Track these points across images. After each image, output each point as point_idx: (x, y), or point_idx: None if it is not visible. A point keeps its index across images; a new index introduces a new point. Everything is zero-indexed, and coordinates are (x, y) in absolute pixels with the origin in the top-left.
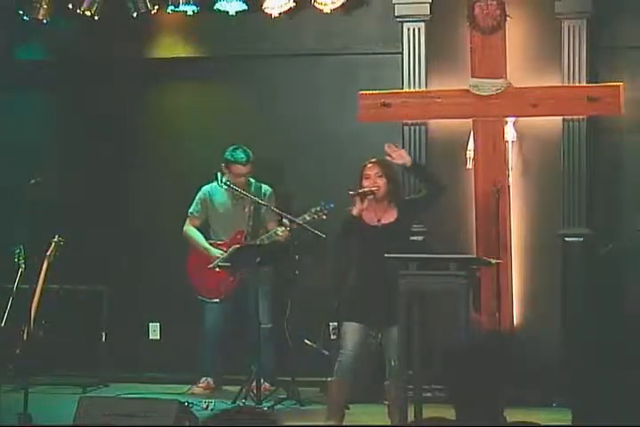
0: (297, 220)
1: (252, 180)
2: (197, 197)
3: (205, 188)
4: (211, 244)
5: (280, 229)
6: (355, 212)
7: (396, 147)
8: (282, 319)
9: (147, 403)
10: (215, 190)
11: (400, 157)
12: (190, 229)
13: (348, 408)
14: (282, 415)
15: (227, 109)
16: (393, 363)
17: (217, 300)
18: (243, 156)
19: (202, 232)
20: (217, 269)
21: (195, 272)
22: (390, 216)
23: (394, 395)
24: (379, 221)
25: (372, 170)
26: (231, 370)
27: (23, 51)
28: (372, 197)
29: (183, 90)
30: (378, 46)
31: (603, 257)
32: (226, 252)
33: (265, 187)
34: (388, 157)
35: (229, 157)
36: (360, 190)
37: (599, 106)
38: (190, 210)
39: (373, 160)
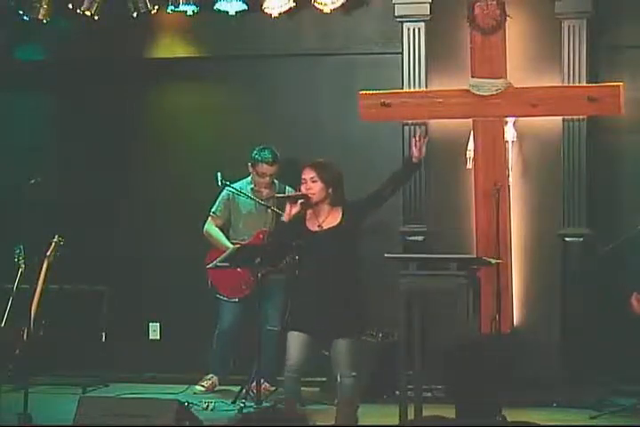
0: None
1: (276, 181)
2: (220, 197)
3: (229, 188)
4: (233, 243)
5: None
6: (284, 218)
7: (424, 140)
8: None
9: (147, 403)
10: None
11: (420, 152)
12: (212, 229)
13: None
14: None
15: (227, 109)
16: (339, 379)
17: (236, 299)
18: (269, 156)
19: (222, 231)
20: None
21: (215, 271)
22: (333, 220)
23: (343, 415)
24: (319, 226)
25: (307, 174)
26: (232, 370)
27: (23, 51)
28: (301, 200)
29: (183, 90)
30: (378, 46)
31: (603, 257)
32: None
33: (289, 189)
34: (412, 146)
35: (256, 157)
36: (287, 195)
37: (599, 106)
38: (213, 209)
39: (310, 163)
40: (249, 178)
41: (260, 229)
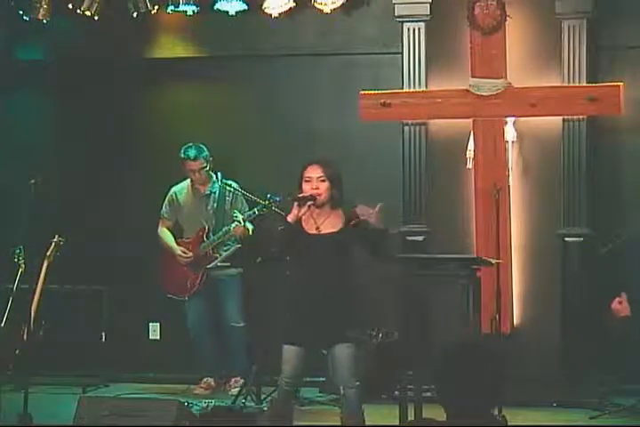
0: (246, 215)
1: (216, 176)
2: (166, 200)
3: (172, 189)
4: (179, 242)
5: (232, 226)
6: (290, 218)
7: (369, 208)
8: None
9: (147, 403)
10: (180, 190)
11: (374, 217)
12: (161, 231)
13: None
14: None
15: (227, 109)
16: (343, 390)
17: (185, 298)
18: (192, 152)
19: (174, 232)
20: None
21: (164, 271)
22: (332, 225)
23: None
24: (317, 229)
25: (314, 172)
26: (231, 370)
27: (23, 51)
28: (311, 202)
29: (183, 90)
30: (378, 46)
31: (603, 257)
32: (189, 250)
33: (233, 184)
34: (362, 217)
35: (181, 155)
36: (299, 195)
37: (599, 106)
38: (161, 212)
39: (316, 160)
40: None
41: (199, 226)
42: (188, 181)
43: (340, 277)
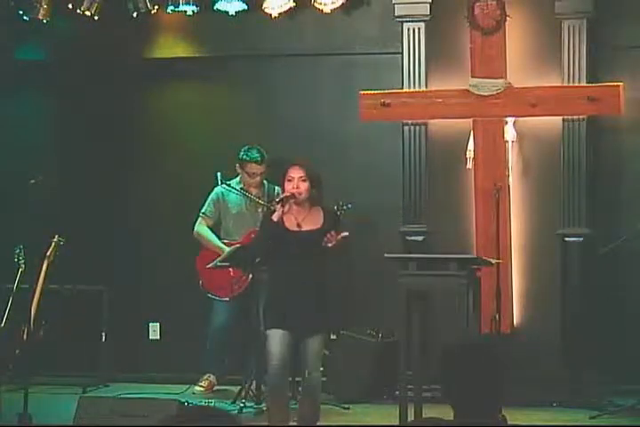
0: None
1: (265, 181)
2: (210, 198)
3: (219, 188)
4: (224, 243)
5: None
6: (275, 217)
7: (334, 235)
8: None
9: (147, 403)
10: (227, 191)
11: (332, 242)
12: (203, 229)
13: (347, 408)
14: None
15: (227, 109)
16: (308, 375)
17: (227, 298)
18: (257, 155)
19: (213, 231)
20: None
21: (205, 271)
22: (312, 223)
23: (307, 411)
24: (299, 226)
25: (296, 173)
26: (232, 370)
27: (23, 51)
28: (293, 200)
29: (183, 90)
30: (378, 46)
31: (603, 257)
32: None
33: (278, 189)
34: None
35: (244, 157)
36: (282, 196)
37: (599, 106)
38: (203, 210)
39: (297, 162)
40: (237, 179)
41: (250, 228)
42: (236, 181)
43: (319, 271)
